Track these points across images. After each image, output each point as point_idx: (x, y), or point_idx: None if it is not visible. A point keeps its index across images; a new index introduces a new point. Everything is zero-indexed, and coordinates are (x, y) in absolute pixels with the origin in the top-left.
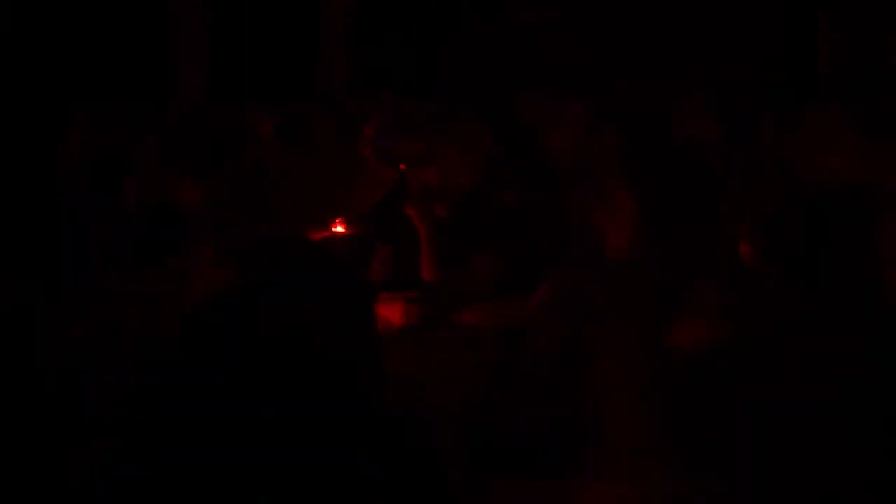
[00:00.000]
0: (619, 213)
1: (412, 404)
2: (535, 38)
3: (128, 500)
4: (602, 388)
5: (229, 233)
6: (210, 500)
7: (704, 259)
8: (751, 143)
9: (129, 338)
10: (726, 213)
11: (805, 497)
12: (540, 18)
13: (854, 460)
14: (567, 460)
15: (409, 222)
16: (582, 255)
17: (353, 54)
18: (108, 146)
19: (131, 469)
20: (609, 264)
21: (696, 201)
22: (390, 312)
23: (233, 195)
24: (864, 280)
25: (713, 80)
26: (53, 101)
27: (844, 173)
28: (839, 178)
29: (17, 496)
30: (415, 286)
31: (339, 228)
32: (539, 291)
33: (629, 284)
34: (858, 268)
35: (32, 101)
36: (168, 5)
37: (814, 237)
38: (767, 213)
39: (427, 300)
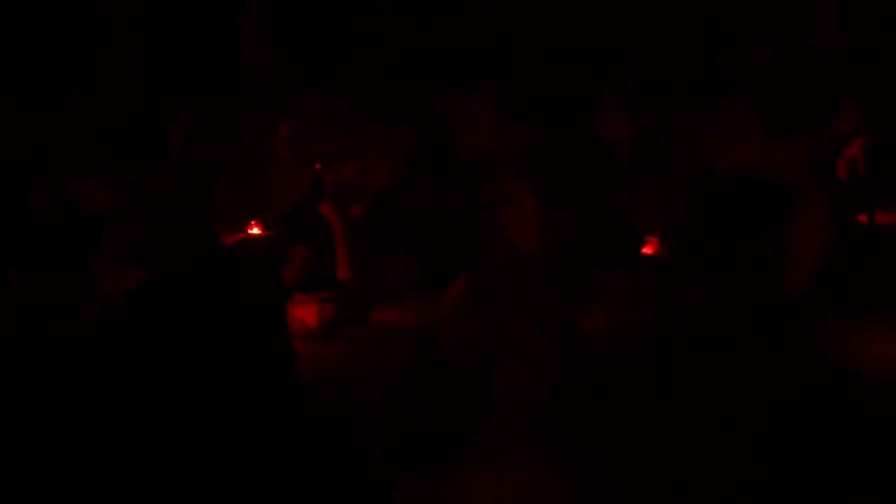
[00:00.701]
0: (526, 208)
1: (328, 402)
2: (452, 39)
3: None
4: (510, 381)
5: (139, 234)
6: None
7: (612, 249)
8: (660, 137)
9: (34, 337)
10: (635, 205)
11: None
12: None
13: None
14: (476, 451)
15: (324, 222)
16: (494, 251)
17: (272, 53)
18: (16, 147)
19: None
20: (518, 259)
21: (605, 195)
22: (306, 313)
23: (147, 197)
24: (770, 268)
25: (624, 77)
26: None
27: (750, 165)
28: (746, 170)
29: None
30: (330, 286)
31: (256, 230)
32: (453, 289)
33: (538, 278)
34: (764, 256)
35: None
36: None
37: (721, 227)
38: (676, 204)
39: (342, 300)
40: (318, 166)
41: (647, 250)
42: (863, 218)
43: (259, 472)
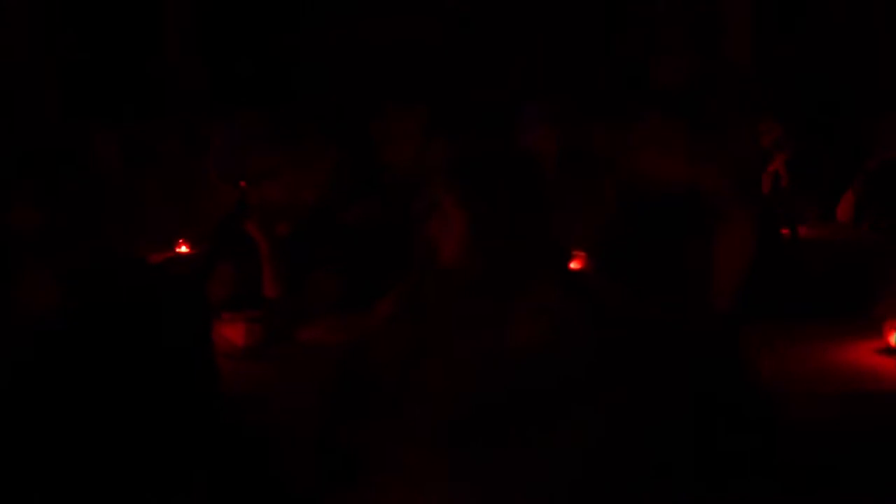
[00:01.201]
0: (452, 223)
1: (255, 423)
2: (378, 55)
3: None
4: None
5: (63, 256)
6: None
7: (536, 264)
8: (586, 151)
9: None
10: (559, 218)
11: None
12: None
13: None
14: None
15: (250, 240)
16: (421, 267)
17: (199, 72)
18: None
19: None
20: (445, 275)
21: (528, 209)
22: (233, 331)
23: (72, 217)
24: (693, 280)
25: (547, 91)
26: None
27: (675, 179)
28: (671, 184)
29: None
30: (258, 304)
31: (184, 248)
32: (381, 306)
33: (463, 293)
34: (687, 269)
35: None
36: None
37: (648, 241)
38: (603, 217)
39: (269, 318)
40: (242, 184)
41: (574, 265)
42: (785, 231)
43: (181, 492)
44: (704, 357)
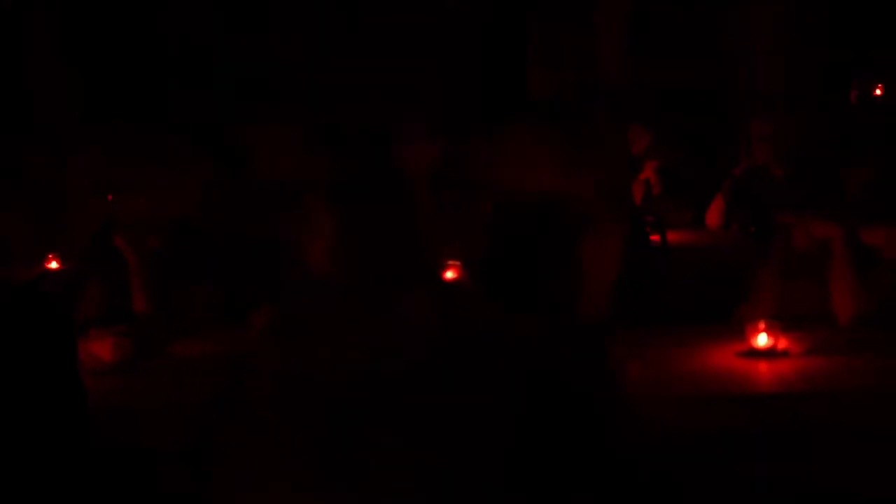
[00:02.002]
0: (322, 236)
1: (123, 438)
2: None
3: None
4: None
5: None
6: None
7: (408, 276)
8: (459, 162)
9: None
10: (433, 230)
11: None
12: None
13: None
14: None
15: (120, 254)
16: (295, 280)
17: (67, 83)
18: None
19: None
20: (318, 287)
21: (401, 222)
22: (100, 348)
23: None
24: (566, 291)
25: (425, 102)
26: None
27: (545, 189)
28: (542, 194)
29: None
30: (128, 320)
31: (54, 263)
32: (255, 319)
33: (335, 306)
34: (561, 278)
35: None
36: None
37: (520, 251)
38: (477, 228)
39: (138, 333)
40: (109, 198)
41: (450, 274)
42: (656, 237)
43: None
44: (560, 364)
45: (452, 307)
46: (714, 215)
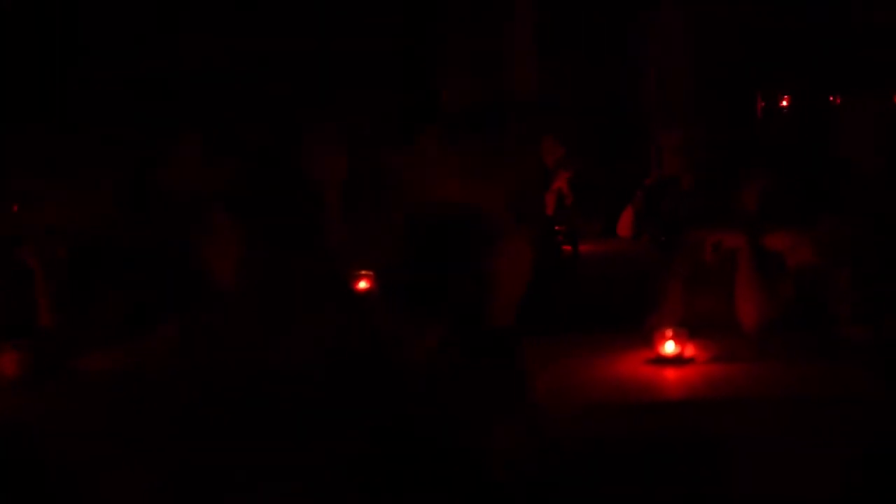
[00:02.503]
0: (227, 247)
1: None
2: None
3: None
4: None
5: None
6: None
7: (314, 287)
8: (371, 173)
9: None
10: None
11: None
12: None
13: None
14: None
15: (25, 266)
16: (200, 290)
17: None
18: None
19: None
20: (223, 297)
21: (308, 233)
22: (1, 361)
23: None
24: (477, 298)
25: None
26: None
27: (455, 200)
28: (452, 205)
29: None
30: (32, 333)
31: None
32: (161, 331)
33: (239, 317)
34: (472, 287)
35: None
36: None
37: (431, 260)
38: (389, 239)
39: (42, 346)
40: (15, 208)
41: (361, 286)
42: (567, 247)
43: None
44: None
45: (356, 320)
46: (625, 225)
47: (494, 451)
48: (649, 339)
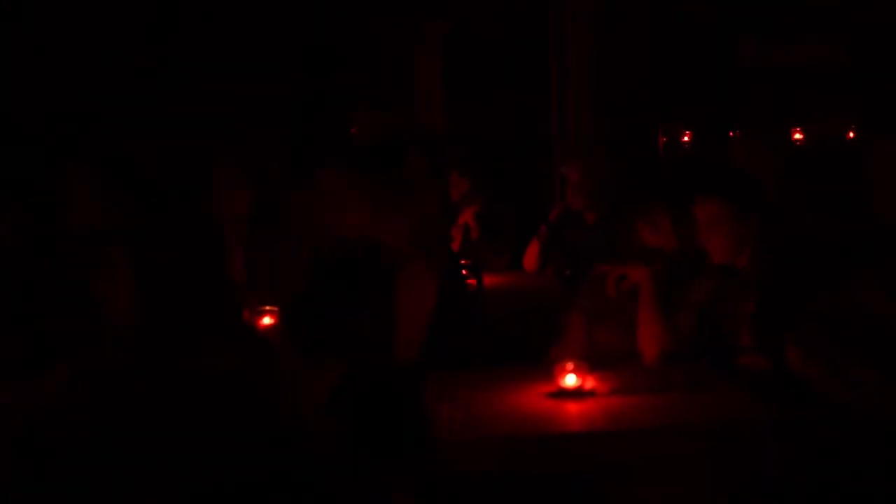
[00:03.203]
0: (122, 283)
1: None
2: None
3: None
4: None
5: None
6: None
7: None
8: (277, 205)
9: None
10: (244, 276)
11: None
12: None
13: None
14: None
15: None
16: (95, 329)
17: None
18: None
19: None
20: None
21: (205, 270)
22: None
23: None
24: (381, 333)
25: (240, 146)
26: None
27: (359, 234)
28: (357, 239)
29: None
30: None
31: None
32: (56, 371)
33: (135, 355)
34: (376, 322)
35: None
36: None
37: (335, 296)
38: (294, 274)
39: None
40: None
41: (265, 322)
42: (472, 281)
43: None
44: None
45: (254, 359)
46: (531, 259)
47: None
48: (551, 373)
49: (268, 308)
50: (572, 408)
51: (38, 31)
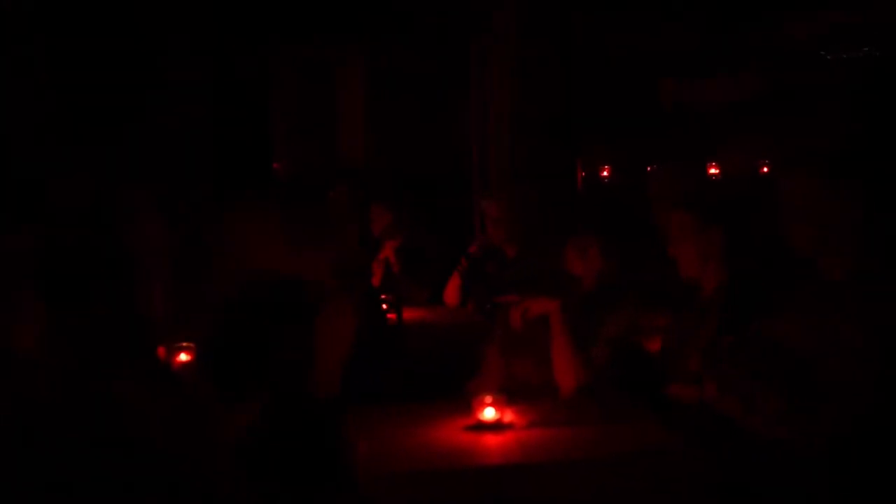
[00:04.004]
0: (26, 314)
1: None
2: None
3: None
4: None
5: None
6: None
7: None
8: (192, 237)
9: None
10: (159, 311)
11: None
12: None
13: None
14: None
15: None
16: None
17: None
18: None
19: None
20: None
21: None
22: None
23: None
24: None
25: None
26: None
27: (278, 267)
28: (274, 272)
29: None
30: None
31: None
32: None
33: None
34: (295, 357)
35: None
36: None
37: (254, 327)
38: (211, 305)
39: None
40: None
41: (182, 358)
42: (392, 315)
43: None
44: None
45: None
46: (451, 293)
47: None
48: (470, 406)
49: (184, 344)
50: (490, 441)
51: None
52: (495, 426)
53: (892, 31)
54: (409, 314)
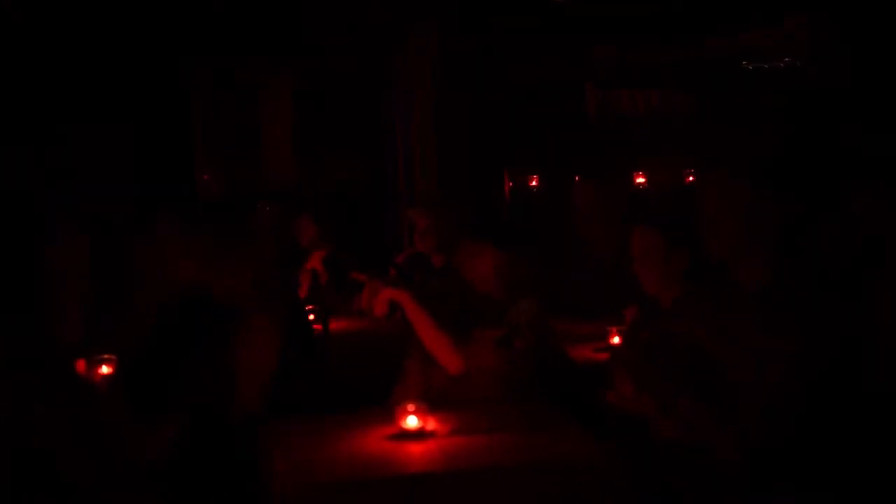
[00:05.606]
0: None
1: None
2: None
3: None
4: None
5: None
6: None
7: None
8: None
9: None
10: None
11: None
12: None
13: None
14: None
15: None
16: None
17: None
18: None
19: None
20: None
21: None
22: None
23: None
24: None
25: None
26: None
27: (196, 285)
28: (194, 290)
29: None
30: None
31: None
32: None
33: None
34: (217, 371)
35: None
36: None
37: (176, 343)
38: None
39: None
40: None
41: (103, 371)
42: (318, 327)
43: None
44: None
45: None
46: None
47: None
48: (393, 415)
49: (106, 357)
50: (412, 449)
51: None
52: (418, 434)
53: (809, 44)
54: (336, 325)
